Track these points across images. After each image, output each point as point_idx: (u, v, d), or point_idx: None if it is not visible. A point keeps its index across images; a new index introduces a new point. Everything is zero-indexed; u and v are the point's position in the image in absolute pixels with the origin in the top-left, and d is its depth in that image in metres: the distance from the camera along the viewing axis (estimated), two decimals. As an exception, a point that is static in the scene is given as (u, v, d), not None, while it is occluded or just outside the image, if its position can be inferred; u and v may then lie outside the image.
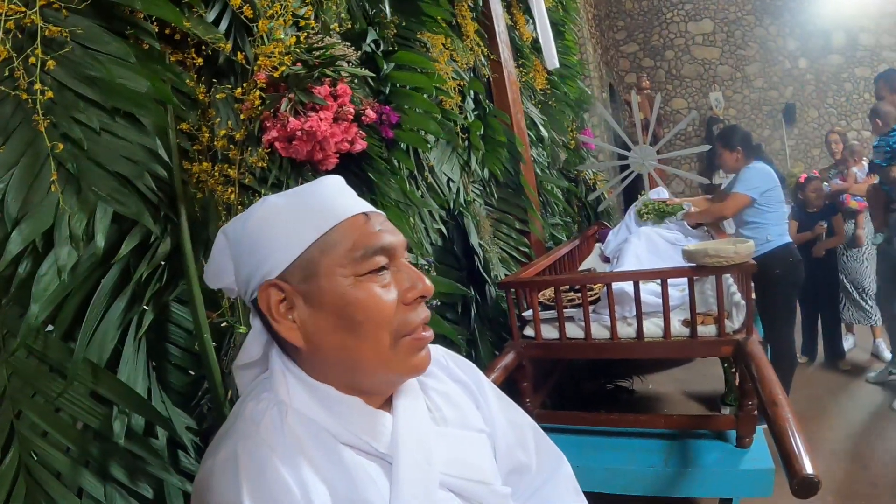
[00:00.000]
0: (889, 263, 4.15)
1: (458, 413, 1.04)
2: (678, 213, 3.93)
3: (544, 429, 1.21)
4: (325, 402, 0.87)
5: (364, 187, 2.00)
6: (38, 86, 1.33)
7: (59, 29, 1.37)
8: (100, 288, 1.40)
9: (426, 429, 0.94)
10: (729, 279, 2.64)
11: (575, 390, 3.60)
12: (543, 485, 1.17)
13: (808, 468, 1.40)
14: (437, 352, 1.13)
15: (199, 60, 1.65)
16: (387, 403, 0.95)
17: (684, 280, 2.37)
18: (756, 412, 2.33)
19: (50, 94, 1.36)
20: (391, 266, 0.90)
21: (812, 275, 4.53)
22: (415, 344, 0.90)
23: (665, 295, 2.29)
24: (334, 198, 0.91)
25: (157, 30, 1.56)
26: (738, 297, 2.51)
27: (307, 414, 0.86)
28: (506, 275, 2.99)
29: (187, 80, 1.63)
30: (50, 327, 1.37)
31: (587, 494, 1.21)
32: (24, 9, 1.33)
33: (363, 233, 0.87)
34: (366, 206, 0.92)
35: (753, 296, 2.43)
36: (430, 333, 0.92)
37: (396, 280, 0.89)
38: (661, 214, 3.96)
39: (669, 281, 2.33)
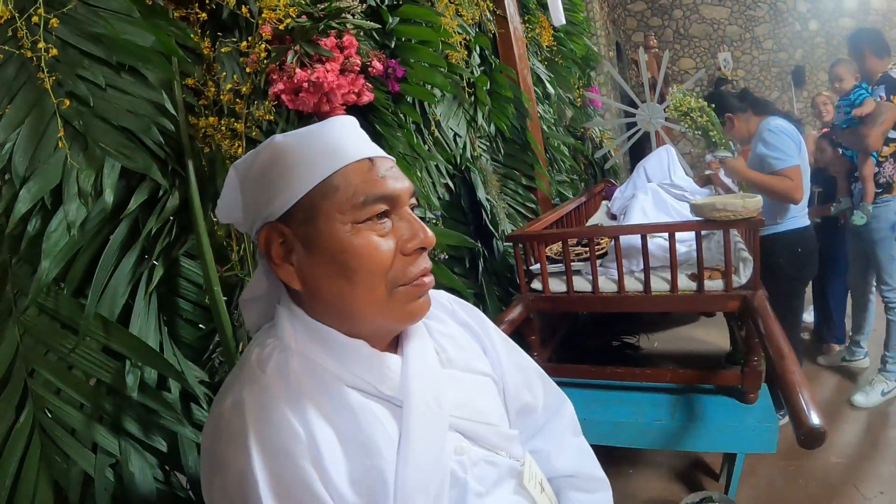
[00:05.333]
0: (856, 238, 3.66)
1: (464, 356, 1.04)
2: (720, 152, 3.06)
3: (551, 382, 1.23)
4: (328, 345, 0.87)
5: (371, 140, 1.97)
6: (41, 44, 1.33)
7: (61, -13, 1.35)
8: (109, 243, 1.41)
9: (436, 371, 0.94)
10: (736, 235, 2.62)
11: (581, 346, 3.59)
12: (546, 423, 1.19)
13: (815, 419, 1.39)
14: (442, 296, 1.14)
15: (203, 15, 1.64)
16: (392, 345, 0.95)
17: (691, 236, 2.35)
18: (761, 368, 2.33)
19: (54, 51, 1.37)
20: (393, 214, 0.88)
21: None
22: (412, 292, 0.89)
23: (672, 248, 2.28)
24: (341, 140, 0.89)
25: (158, -15, 1.54)
26: (745, 252, 2.50)
27: (312, 357, 0.86)
28: (512, 230, 2.98)
29: (192, 35, 1.61)
30: (60, 285, 1.38)
31: (594, 447, 1.24)
32: (24, -32, 1.32)
33: (366, 179, 0.86)
34: (374, 151, 0.91)
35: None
36: (430, 279, 0.91)
37: (397, 229, 0.88)
38: (705, 131, 3.04)
39: (676, 236, 2.31)
